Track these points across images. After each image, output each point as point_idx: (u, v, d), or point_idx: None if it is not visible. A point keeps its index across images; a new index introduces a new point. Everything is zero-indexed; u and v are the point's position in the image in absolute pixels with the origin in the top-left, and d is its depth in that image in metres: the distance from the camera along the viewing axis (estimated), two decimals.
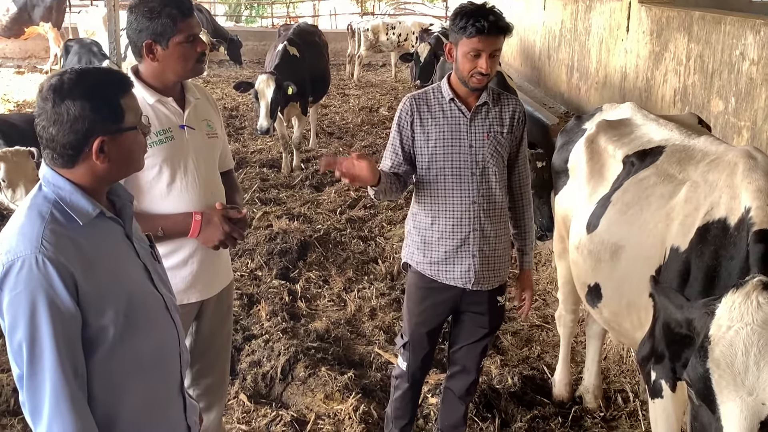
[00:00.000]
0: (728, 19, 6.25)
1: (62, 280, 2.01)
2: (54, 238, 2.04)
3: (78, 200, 2.13)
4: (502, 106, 3.48)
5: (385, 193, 3.36)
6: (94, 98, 2.10)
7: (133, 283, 2.23)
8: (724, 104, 6.25)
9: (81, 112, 2.07)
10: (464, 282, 3.48)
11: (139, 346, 2.21)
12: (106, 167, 2.15)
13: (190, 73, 3.05)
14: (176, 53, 2.95)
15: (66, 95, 2.07)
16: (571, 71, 10.95)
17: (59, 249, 2.04)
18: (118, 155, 2.17)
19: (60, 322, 2.01)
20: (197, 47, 2.99)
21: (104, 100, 2.12)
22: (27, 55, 18.12)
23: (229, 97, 13.91)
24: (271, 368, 4.71)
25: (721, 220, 2.98)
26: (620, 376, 4.90)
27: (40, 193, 2.15)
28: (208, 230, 2.99)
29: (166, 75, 3.01)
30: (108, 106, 2.13)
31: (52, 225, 2.06)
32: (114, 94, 2.16)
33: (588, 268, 3.82)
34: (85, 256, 2.08)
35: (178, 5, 2.93)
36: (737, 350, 2.25)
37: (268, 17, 25.01)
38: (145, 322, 2.23)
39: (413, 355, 3.69)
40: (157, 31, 2.92)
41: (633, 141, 3.96)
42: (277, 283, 6.06)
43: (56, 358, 2.00)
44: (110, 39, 9.85)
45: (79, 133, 2.09)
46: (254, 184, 8.68)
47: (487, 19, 3.23)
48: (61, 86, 2.08)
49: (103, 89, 2.14)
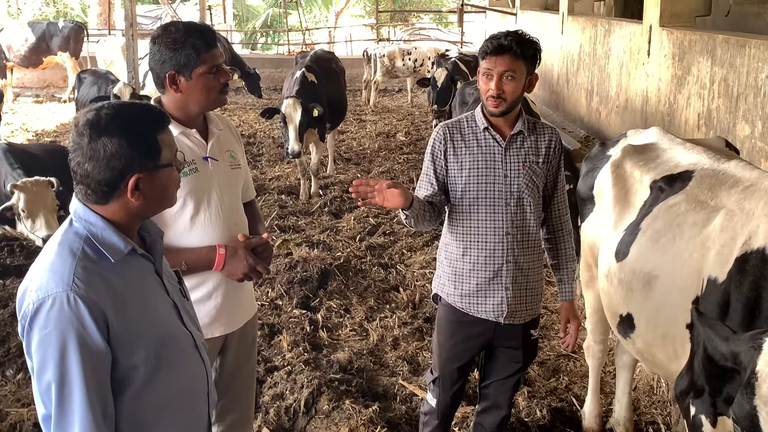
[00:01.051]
0: (753, 42, 6.19)
1: (94, 319, 1.96)
2: (86, 275, 2.00)
3: (110, 237, 2.08)
4: (538, 136, 3.41)
5: (418, 220, 3.28)
6: (131, 135, 2.06)
7: (163, 321, 2.18)
8: (750, 128, 6.16)
9: (118, 149, 2.03)
10: (497, 315, 3.39)
11: (168, 386, 2.15)
12: (141, 204, 2.11)
13: (213, 104, 3.00)
14: (200, 84, 2.91)
15: (103, 131, 2.03)
16: (590, 95, 10.89)
17: (91, 287, 1.99)
18: (152, 192, 2.13)
19: (90, 362, 1.96)
20: (221, 78, 2.95)
21: (142, 137, 2.08)
22: (45, 85, 18.30)
23: (246, 125, 13.95)
24: (294, 401, 4.62)
25: (761, 250, 2.90)
26: (651, 407, 4.77)
27: (71, 229, 2.10)
28: (232, 263, 2.93)
29: (189, 106, 2.96)
30: (145, 143, 2.09)
31: (83, 262, 2.02)
32: (152, 130, 2.12)
33: (619, 298, 3.72)
34: (117, 293, 2.04)
35: (202, 36, 2.89)
36: None
37: (284, 44, 25.16)
38: (175, 361, 2.18)
39: (443, 392, 3.60)
40: (181, 62, 2.88)
41: (660, 165, 3.88)
42: (298, 312, 5.99)
43: (86, 399, 1.94)
44: (129, 68, 9.91)
45: (115, 170, 2.05)
46: (273, 211, 8.64)
47: (500, 40, 3.19)
48: (98, 121, 2.04)
49: (141, 126, 2.10)
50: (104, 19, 22.04)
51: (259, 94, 15.98)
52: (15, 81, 17.00)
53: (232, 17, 29.12)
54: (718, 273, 3.05)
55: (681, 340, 3.27)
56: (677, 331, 3.28)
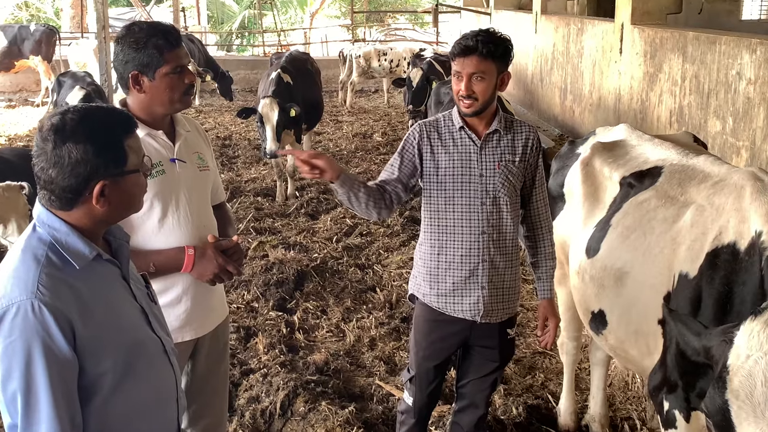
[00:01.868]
0: (723, 39, 6.24)
1: (59, 326, 1.92)
2: (50, 282, 1.96)
3: (74, 242, 2.04)
4: (515, 134, 3.39)
5: (350, 197, 3.21)
6: (97, 141, 2.02)
7: (130, 328, 2.14)
8: (721, 124, 6.21)
9: (83, 155, 1.99)
10: (473, 314, 3.38)
11: (136, 393, 2.12)
12: (106, 210, 2.08)
13: (178, 105, 2.96)
14: (163, 85, 2.87)
15: (68, 137, 1.99)
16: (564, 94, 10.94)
17: (56, 294, 1.95)
18: (118, 198, 2.09)
19: (57, 370, 1.92)
20: (185, 79, 2.91)
21: (108, 143, 2.04)
22: (18, 89, 18.12)
23: (222, 127, 13.88)
24: (270, 404, 4.59)
25: (731, 245, 2.91)
26: (626, 403, 4.79)
27: (35, 235, 2.06)
28: (201, 264, 2.90)
29: (153, 107, 2.93)
30: (111, 150, 2.05)
31: (47, 269, 1.98)
32: (118, 136, 2.08)
33: (591, 294, 3.74)
34: (83, 300, 2.00)
35: (165, 36, 2.85)
36: (757, 380, 2.16)
37: (260, 46, 25.07)
38: (144, 367, 2.14)
39: (420, 390, 3.58)
40: (144, 62, 2.85)
41: (629, 162, 3.89)
42: (274, 314, 5.96)
43: (53, 408, 1.91)
44: (101, 71, 9.82)
45: (80, 176, 2.01)
46: (249, 213, 8.59)
47: (467, 41, 3.18)
48: (63, 127, 1.99)
49: (107, 131, 2.06)
50: (77, 22, 21.82)
51: (231, 97, 15.92)
52: None
53: (206, 19, 28.97)
54: (689, 268, 3.07)
55: (653, 336, 3.28)
56: (649, 327, 3.29)
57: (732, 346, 2.25)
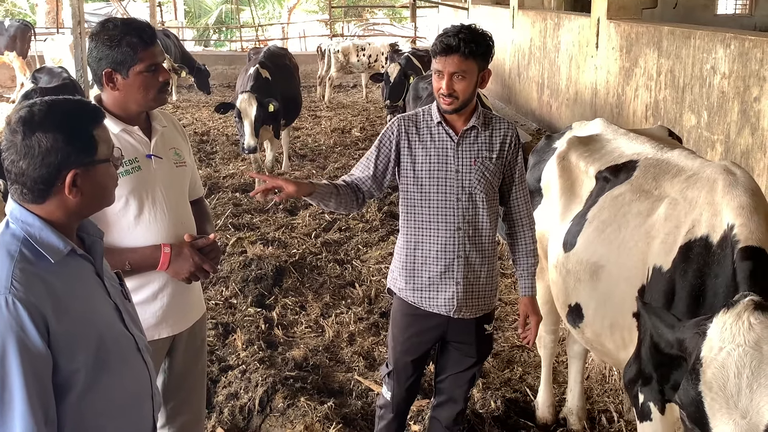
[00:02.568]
0: (698, 34, 6.29)
1: (33, 321, 1.91)
2: (24, 277, 1.95)
3: (48, 237, 2.04)
4: (493, 130, 3.38)
5: (326, 202, 3.29)
6: (66, 130, 2.02)
7: (104, 324, 2.13)
8: (696, 118, 6.27)
9: (53, 144, 1.99)
10: (447, 310, 3.39)
11: (110, 390, 2.11)
12: (78, 201, 2.07)
13: (153, 103, 2.94)
14: (137, 82, 2.85)
15: (37, 127, 1.99)
16: (541, 88, 10.99)
17: (30, 289, 1.94)
18: (91, 189, 2.09)
19: (31, 366, 1.91)
20: (159, 77, 2.89)
21: (77, 131, 2.04)
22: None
23: (200, 122, 13.80)
24: (248, 400, 4.58)
25: (704, 238, 2.95)
26: (603, 395, 4.84)
27: (8, 231, 2.05)
28: (177, 263, 2.89)
29: (128, 104, 2.91)
30: (81, 138, 2.05)
31: (21, 264, 1.97)
32: (86, 125, 2.08)
33: (567, 288, 3.76)
34: (57, 295, 1.99)
35: (139, 33, 2.83)
36: (729, 372, 2.20)
37: (237, 41, 24.95)
38: (117, 364, 2.13)
39: (398, 385, 3.59)
40: (117, 60, 2.83)
41: (604, 156, 3.92)
42: (253, 310, 5.95)
43: (27, 404, 1.89)
44: (77, 67, 9.74)
45: (51, 166, 2.00)
46: (227, 209, 8.56)
47: (449, 39, 3.17)
48: (31, 118, 1.99)
49: (76, 120, 2.06)
50: (53, 18, 21.61)
51: (208, 90, 15.85)
52: None
53: (183, 14, 28.79)
54: (662, 262, 3.10)
55: (628, 329, 3.31)
56: (624, 320, 3.33)
57: (705, 339, 2.29)
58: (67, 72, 9.56)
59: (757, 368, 2.15)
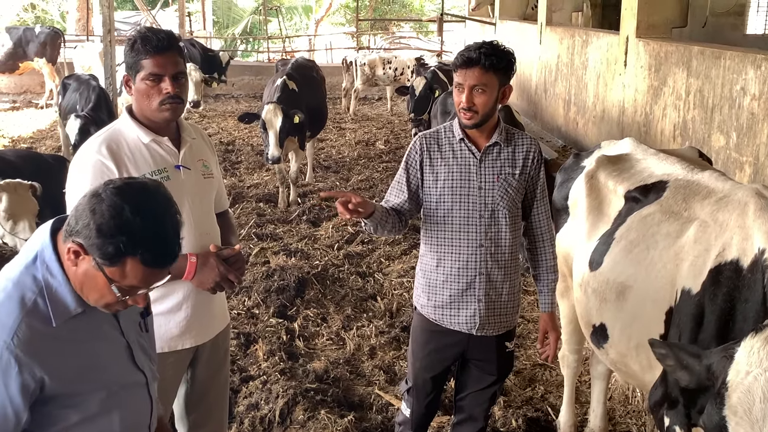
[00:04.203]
0: (728, 54, 6.24)
1: (21, 383, 1.88)
2: (28, 334, 1.90)
3: (64, 295, 1.97)
4: (516, 146, 3.37)
5: (377, 228, 3.28)
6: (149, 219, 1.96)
7: (112, 372, 2.10)
8: (725, 139, 6.21)
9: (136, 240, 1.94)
10: (469, 327, 3.37)
11: (113, 425, 2.10)
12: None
13: (157, 114, 2.90)
14: (141, 90, 2.88)
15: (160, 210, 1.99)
16: (568, 105, 10.94)
17: (31, 349, 1.90)
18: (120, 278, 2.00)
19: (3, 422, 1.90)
20: (162, 89, 2.86)
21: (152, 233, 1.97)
22: (22, 90, 18.14)
23: (225, 132, 13.89)
24: (269, 411, 4.58)
25: (734, 262, 2.91)
26: (626, 417, 4.78)
27: (33, 268, 1.98)
28: (203, 272, 2.89)
29: (142, 112, 2.94)
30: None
31: (29, 318, 1.92)
32: None
33: (592, 308, 3.73)
34: (61, 356, 1.96)
35: (147, 42, 2.84)
36: (755, 397, 2.16)
37: (264, 52, 25.10)
38: (122, 402, 2.12)
39: (417, 401, 3.57)
40: (129, 65, 2.89)
41: (634, 176, 3.89)
42: (275, 321, 5.95)
43: None
44: (106, 74, 9.84)
45: (119, 251, 1.92)
46: (251, 219, 8.59)
47: (470, 53, 3.17)
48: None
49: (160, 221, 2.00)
50: (83, 25, 21.87)
51: (220, 78, 15.76)
52: None
53: (212, 24, 29.02)
54: (691, 284, 3.06)
55: None
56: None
57: (732, 362, 2.25)
58: (95, 80, 9.65)
59: None
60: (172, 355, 2.98)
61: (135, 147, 2.89)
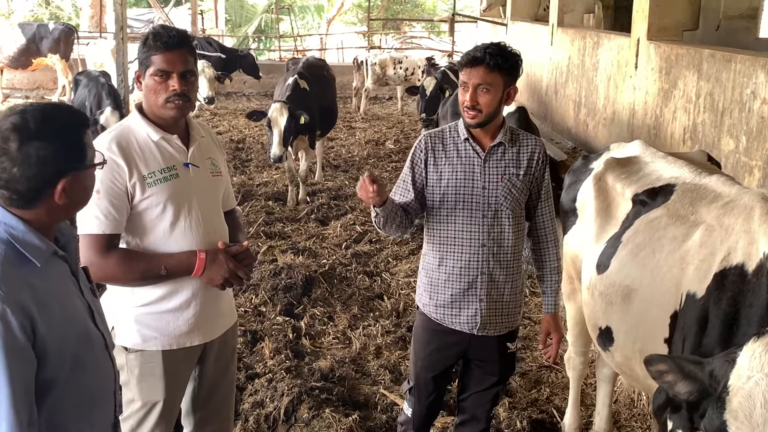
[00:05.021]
0: (739, 58, 6.22)
1: (20, 324, 1.93)
2: (9, 280, 1.97)
3: (31, 240, 2.06)
4: (521, 147, 3.38)
5: (387, 221, 3.27)
6: (62, 139, 2.06)
7: (80, 323, 2.16)
8: (735, 143, 6.20)
9: (51, 153, 2.02)
10: (470, 327, 3.38)
11: (82, 387, 2.14)
12: (65, 206, 2.11)
13: (163, 110, 2.93)
14: (149, 85, 2.91)
15: (33, 135, 2.01)
16: (578, 107, 10.93)
17: (15, 291, 1.96)
18: (78, 194, 2.14)
19: (18, 368, 1.93)
20: (168, 86, 2.89)
21: (72, 139, 2.09)
22: (35, 86, 18.22)
23: (236, 130, 13.92)
24: (274, 409, 4.60)
25: (739, 266, 2.91)
26: (631, 420, 4.78)
27: None
28: (212, 269, 2.91)
29: (150, 108, 2.97)
30: (74, 146, 2.09)
31: (5, 267, 1.99)
32: (78, 132, 2.12)
33: (599, 310, 3.73)
34: (40, 297, 2.01)
35: (158, 38, 2.88)
36: (756, 402, 2.16)
37: (276, 50, 25.13)
38: (89, 362, 2.17)
39: (419, 402, 3.58)
40: (140, 60, 2.92)
41: (642, 179, 3.89)
42: (282, 319, 5.97)
43: (12, 406, 1.91)
44: (118, 71, 9.86)
45: (47, 174, 2.03)
46: (259, 217, 8.62)
47: (475, 52, 3.19)
48: (26, 125, 2.01)
49: (70, 128, 2.10)
50: (96, 22, 21.94)
51: (257, 74, 16.08)
52: (5, 82, 16.95)
53: (224, 22, 29.07)
54: (696, 288, 3.06)
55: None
56: (656, 346, 3.28)
57: (734, 366, 2.25)
58: (105, 76, 9.68)
59: None
60: (180, 352, 3.00)
61: (144, 144, 2.92)
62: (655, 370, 2.42)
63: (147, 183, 2.87)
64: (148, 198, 2.87)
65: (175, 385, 3.02)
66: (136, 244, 2.91)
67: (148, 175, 2.87)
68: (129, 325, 2.94)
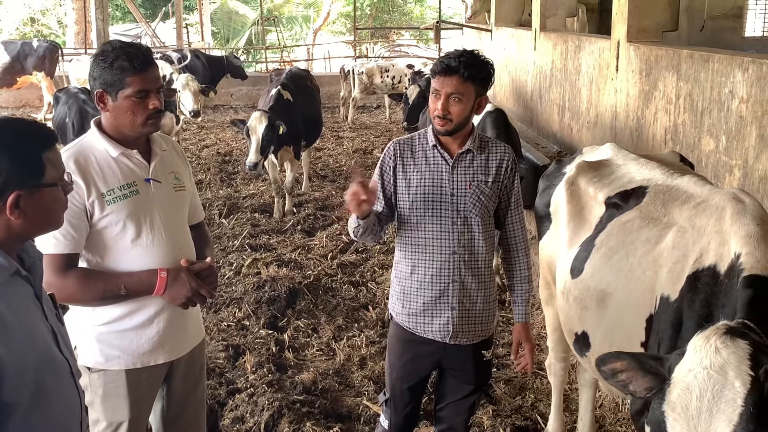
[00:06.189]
0: (716, 57, 6.21)
1: None
2: None
3: None
4: (489, 154, 3.36)
5: (366, 231, 3.25)
6: (12, 151, 2.02)
7: (42, 348, 2.10)
8: (714, 143, 6.18)
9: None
10: (443, 336, 3.35)
11: (50, 414, 2.08)
12: (21, 224, 2.06)
13: (142, 129, 2.92)
14: (125, 107, 2.86)
15: None
16: (562, 111, 10.92)
17: None
18: (35, 212, 2.08)
19: None
20: (149, 103, 2.87)
21: (24, 153, 2.04)
22: (21, 104, 18.15)
23: (223, 143, 13.88)
24: (254, 425, 4.55)
25: (711, 268, 2.88)
26: (616, 424, 4.74)
27: None
28: (174, 287, 2.87)
29: (119, 128, 2.92)
30: (27, 160, 2.05)
31: None
32: (35, 147, 2.08)
33: (574, 315, 3.70)
34: (2, 319, 1.96)
35: (131, 58, 2.83)
36: (693, 394, 2.17)
37: (263, 62, 25.13)
38: (53, 389, 2.11)
39: (395, 413, 3.54)
40: (108, 82, 2.85)
41: (614, 182, 3.87)
42: (265, 332, 5.92)
43: None
44: None
45: None
46: (245, 230, 8.57)
47: (450, 61, 3.16)
48: None
49: (24, 142, 2.06)
50: (82, 38, 21.92)
51: (244, 76, 16.19)
52: None
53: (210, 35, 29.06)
54: (670, 291, 3.04)
55: None
56: (632, 350, 3.24)
57: (681, 359, 2.26)
58: (84, 93, 9.63)
59: (719, 393, 2.11)
60: (144, 370, 2.96)
61: (104, 161, 2.88)
62: (609, 369, 2.39)
63: (106, 200, 2.83)
64: (108, 216, 2.83)
65: (140, 405, 2.98)
66: (96, 263, 2.87)
67: (107, 193, 2.83)
68: (91, 344, 2.90)
